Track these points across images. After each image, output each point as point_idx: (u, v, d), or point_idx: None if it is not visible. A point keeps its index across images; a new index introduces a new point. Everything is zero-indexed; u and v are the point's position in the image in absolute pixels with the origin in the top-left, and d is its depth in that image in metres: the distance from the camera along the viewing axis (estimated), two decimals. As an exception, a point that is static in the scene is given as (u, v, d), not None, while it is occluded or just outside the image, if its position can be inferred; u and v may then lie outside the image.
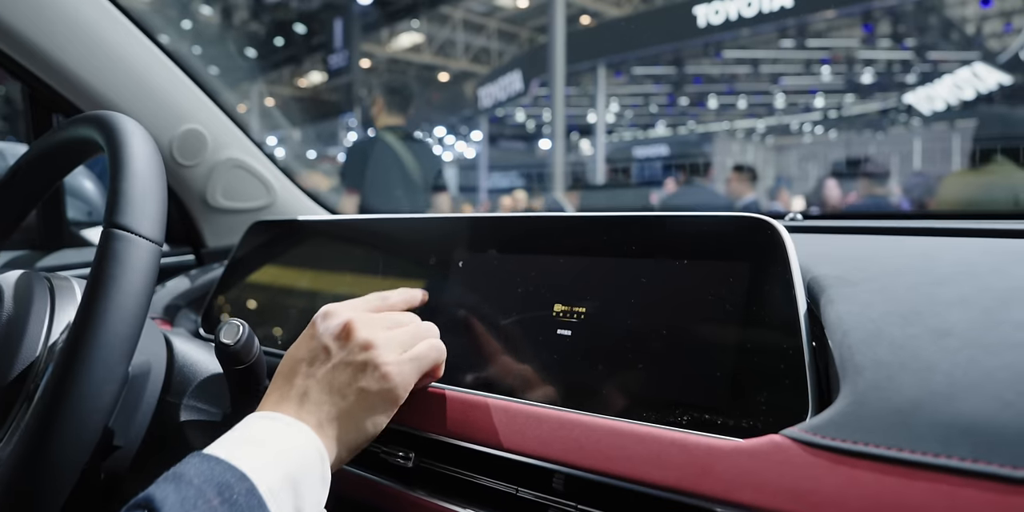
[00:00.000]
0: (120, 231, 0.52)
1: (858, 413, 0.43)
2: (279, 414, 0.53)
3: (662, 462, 0.48)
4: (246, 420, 0.53)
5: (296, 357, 0.58)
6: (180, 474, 0.44)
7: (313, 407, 0.54)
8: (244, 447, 0.48)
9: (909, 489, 0.38)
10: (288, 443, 0.50)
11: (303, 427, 0.52)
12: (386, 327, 0.60)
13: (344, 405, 0.54)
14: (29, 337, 0.60)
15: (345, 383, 0.55)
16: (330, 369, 0.56)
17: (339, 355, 0.56)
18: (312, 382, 0.55)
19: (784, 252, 0.54)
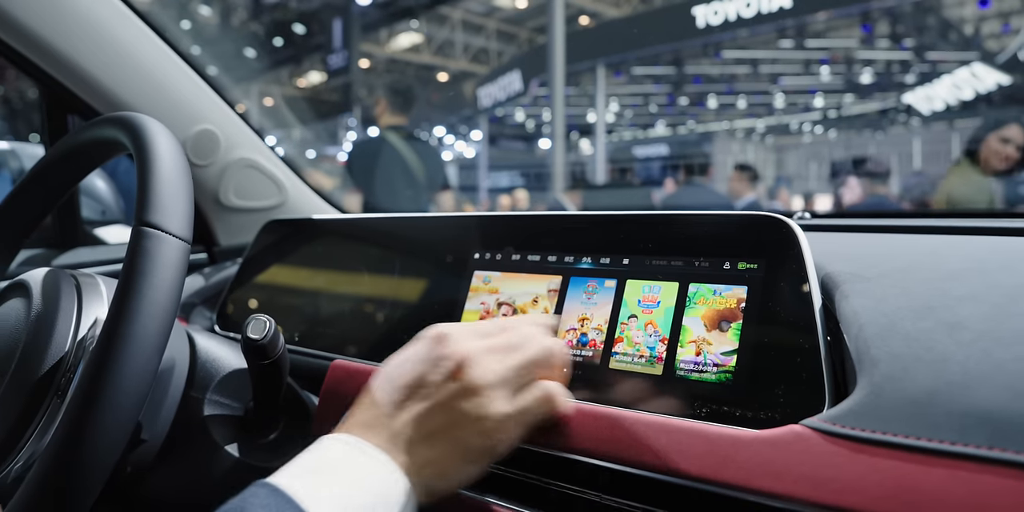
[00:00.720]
0: (150, 229, 0.54)
1: (875, 403, 0.44)
2: (367, 444, 0.49)
3: (685, 452, 0.49)
4: (327, 443, 0.49)
5: (396, 382, 0.52)
6: (243, 510, 0.42)
7: (405, 446, 0.49)
8: (318, 481, 0.45)
9: (928, 476, 0.40)
10: (368, 477, 0.46)
11: (394, 468, 0.48)
12: (500, 361, 0.53)
13: (435, 452, 0.49)
14: (58, 333, 0.62)
15: (442, 427, 0.50)
16: (429, 408, 0.50)
17: (442, 394, 0.50)
18: (408, 417, 0.50)
19: (799, 249, 0.56)
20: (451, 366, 0.51)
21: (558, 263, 0.69)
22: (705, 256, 0.60)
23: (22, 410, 0.59)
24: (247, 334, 0.62)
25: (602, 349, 0.62)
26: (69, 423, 0.48)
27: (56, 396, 0.60)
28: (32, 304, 0.63)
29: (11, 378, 0.60)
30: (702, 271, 0.60)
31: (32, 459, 0.59)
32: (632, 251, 0.64)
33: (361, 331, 0.83)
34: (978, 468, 0.39)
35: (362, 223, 0.95)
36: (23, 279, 0.68)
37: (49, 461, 0.48)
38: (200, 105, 1.11)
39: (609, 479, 0.56)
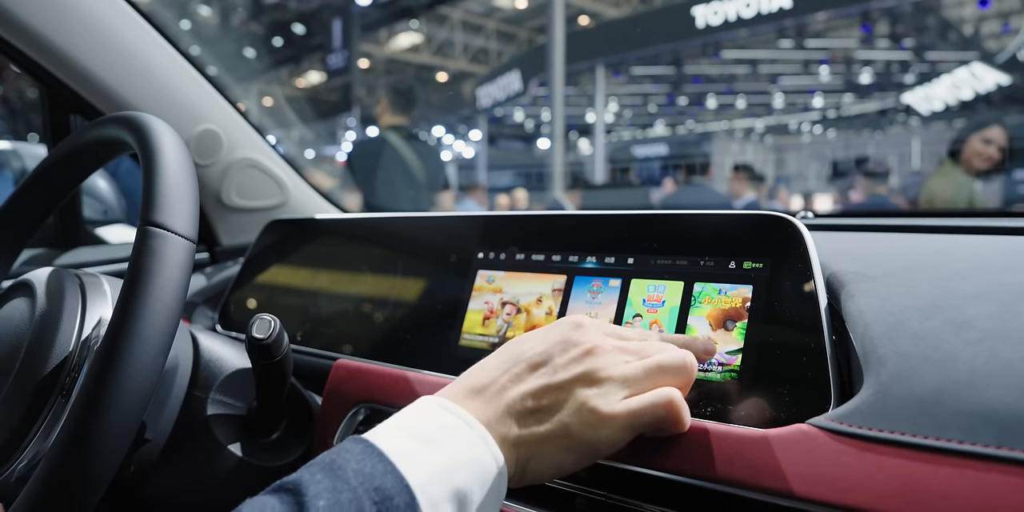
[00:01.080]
0: (156, 229, 0.54)
1: (882, 402, 0.44)
2: (468, 415, 0.46)
3: (691, 451, 0.49)
4: (426, 405, 0.47)
5: (519, 355, 0.51)
6: (338, 466, 0.40)
7: (508, 419, 0.47)
8: (417, 447, 0.43)
9: (935, 474, 0.40)
10: (468, 452, 0.44)
11: (490, 440, 0.45)
12: (628, 361, 0.50)
13: (538, 432, 0.47)
14: (62, 333, 0.62)
15: (550, 408, 0.47)
16: (544, 386, 0.48)
17: (560, 376, 0.48)
18: (518, 391, 0.48)
19: (804, 248, 0.56)
20: (579, 352, 0.49)
21: (562, 262, 0.69)
22: (710, 255, 0.60)
23: (26, 410, 0.59)
24: (252, 333, 0.62)
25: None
26: (74, 423, 0.48)
27: (60, 396, 0.60)
28: (36, 304, 0.63)
29: (15, 378, 0.60)
30: (707, 270, 0.60)
31: (36, 459, 0.59)
32: (637, 250, 0.65)
33: (364, 331, 0.83)
34: (985, 467, 0.39)
35: (365, 223, 0.95)
36: (27, 279, 0.68)
37: (54, 461, 0.48)
38: (203, 105, 1.11)
39: (611, 479, 0.56)
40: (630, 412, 0.47)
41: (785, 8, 8.31)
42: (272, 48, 13.57)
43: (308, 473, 0.40)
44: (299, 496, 0.38)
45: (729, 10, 8.75)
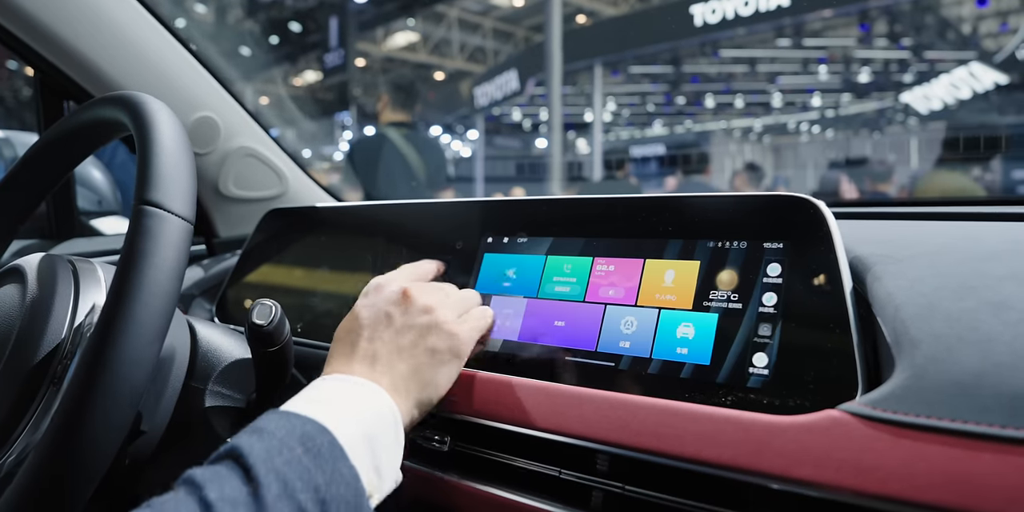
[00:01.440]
0: (152, 208, 0.51)
1: (918, 386, 0.42)
2: (350, 376, 0.54)
3: (716, 440, 0.47)
4: (316, 382, 0.53)
5: (356, 325, 0.59)
6: (260, 428, 0.45)
7: (384, 368, 0.55)
8: (319, 406, 0.49)
9: (977, 461, 0.38)
10: (362, 403, 0.51)
11: (375, 388, 0.53)
12: (437, 294, 0.62)
13: (414, 363, 0.56)
14: (54, 319, 0.59)
15: (412, 343, 0.57)
16: (395, 332, 0.58)
17: (401, 319, 0.58)
18: (379, 344, 0.57)
19: (828, 230, 0.54)
20: (398, 297, 0.60)
21: (579, 245, 0.67)
22: (729, 237, 0.58)
23: (16, 400, 0.57)
24: (252, 320, 0.60)
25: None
26: (66, 411, 0.46)
27: (52, 384, 0.58)
28: (27, 290, 0.61)
29: (5, 366, 0.58)
30: (726, 252, 0.58)
31: (26, 452, 0.56)
32: (653, 233, 0.62)
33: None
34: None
35: (367, 211, 0.92)
36: (18, 264, 0.65)
37: (45, 452, 0.46)
38: (200, 92, 1.09)
39: (629, 470, 0.54)
40: (471, 318, 0.63)
41: (783, 6, 8.30)
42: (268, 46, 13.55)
43: (238, 438, 0.44)
44: (237, 456, 0.43)
45: (727, 8, 8.73)
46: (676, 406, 0.51)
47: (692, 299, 0.58)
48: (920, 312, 0.47)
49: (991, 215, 0.70)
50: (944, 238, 0.60)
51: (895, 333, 0.47)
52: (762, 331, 0.53)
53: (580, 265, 0.65)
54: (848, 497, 0.41)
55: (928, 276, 0.51)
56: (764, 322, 0.53)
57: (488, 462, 0.61)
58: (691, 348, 0.56)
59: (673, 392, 0.54)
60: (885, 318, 0.49)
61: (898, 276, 0.51)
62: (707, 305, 0.57)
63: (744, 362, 0.53)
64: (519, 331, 0.66)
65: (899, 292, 0.49)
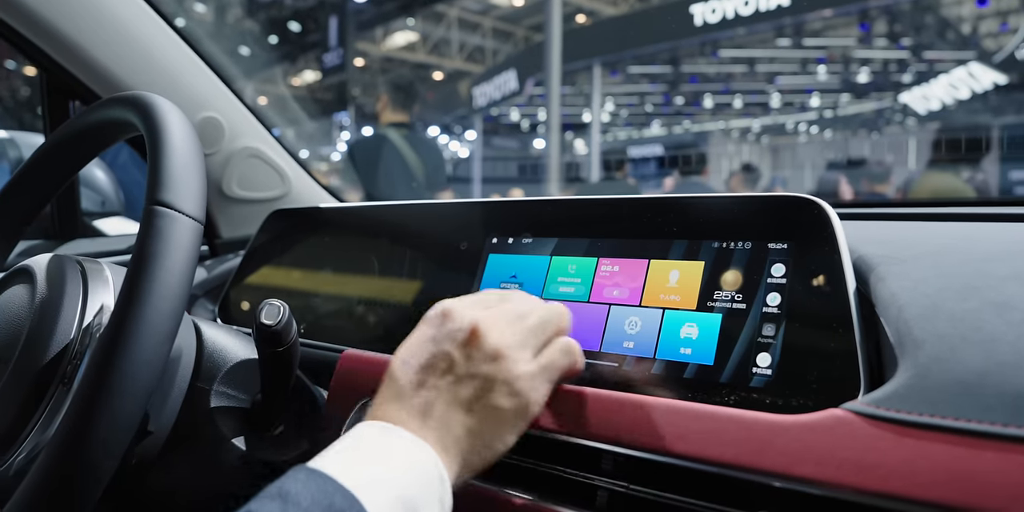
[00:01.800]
0: (163, 208, 0.52)
1: (921, 385, 0.42)
2: (399, 428, 0.47)
3: (719, 439, 0.47)
4: (360, 430, 0.48)
5: (413, 363, 0.51)
6: (287, 492, 0.40)
7: (436, 423, 0.48)
8: (354, 465, 0.44)
9: (980, 460, 0.38)
10: (405, 462, 0.45)
11: (424, 446, 0.47)
12: (512, 325, 0.52)
13: (471, 423, 0.49)
14: (63, 320, 0.60)
15: (472, 398, 0.49)
16: (454, 381, 0.49)
17: (464, 366, 0.50)
18: (435, 394, 0.49)
19: (832, 231, 0.54)
20: (465, 335, 0.51)
21: (583, 246, 0.67)
22: (733, 238, 0.59)
23: (26, 399, 0.57)
24: (261, 320, 0.60)
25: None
26: (77, 411, 0.46)
27: (61, 384, 0.58)
28: (36, 290, 0.62)
29: (15, 366, 0.58)
30: (730, 252, 0.58)
31: (36, 451, 0.57)
32: (658, 234, 0.63)
33: (371, 322, 0.81)
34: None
35: (371, 212, 0.93)
36: (27, 265, 0.66)
37: (55, 452, 0.46)
38: (204, 92, 1.09)
39: (633, 469, 0.54)
40: (542, 368, 0.52)
41: (783, 6, 8.31)
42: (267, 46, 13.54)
43: (259, 504, 0.40)
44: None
45: (727, 8, 8.74)
46: (680, 405, 0.51)
47: (696, 299, 0.58)
48: (923, 312, 0.47)
49: (994, 216, 0.71)
50: (947, 239, 0.60)
51: (898, 333, 0.47)
52: (766, 331, 0.54)
53: (584, 266, 0.66)
54: (850, 495, 0.41)
55: (931, 277, 0.51)
56: (768, 322, 0.54)
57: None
58: (695, 348, 0.56)
59: (677, 392, 0.54)
60: (888, 318, 0.49)
61: (902, 277, 0.52)
62: (711, 305, 0.57)
63: (748, 362, 0.53)
64: (524, 331, 0.66)
65: (903, 292, 0.50)
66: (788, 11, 8.42)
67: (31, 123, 4.69)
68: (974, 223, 0.69)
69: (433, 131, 18.03)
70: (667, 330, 0.58)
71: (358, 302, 0.84)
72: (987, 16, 12.79)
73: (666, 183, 5.99)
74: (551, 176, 8.76)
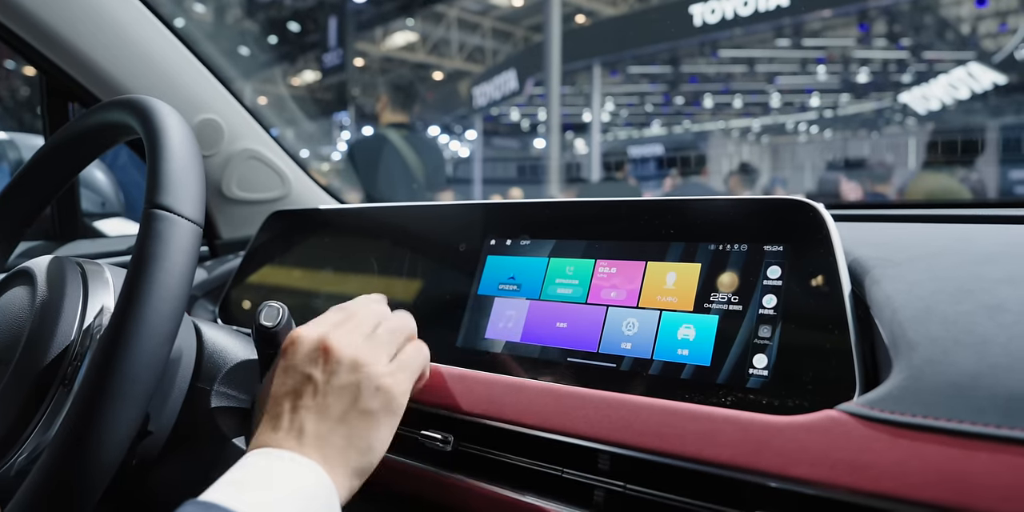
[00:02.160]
0: (162, 212, 0.52)
1: (915, 387, 0.43)
2: (280, 451, 0.49)
3: (715, 439, 0.48)
4: (244, 459, 0.49)
5: (278, 393, 0.54)
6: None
7: (313, 440, 0.50)
8: (244, 493, 0.45)
9: (972, 460, 0.38)
10: (292, 484, 0.46)
11: (307, 462, 0.48)
12: (364, 334, 0.56)
13: (346, 431, 0.51)
14: (64, 321, 0.60)
15: (342, 409, 0.52)
16: (321, 397, 0.52)
17: (325, 382, 0.53)
18: (305, 414, 0.51)
19: (827, 234, 0.55)
20: (320, 355, 0.54)
21: (580, 248, 0.68)
22: (729, 241, 0.59)
23: (26, 400, 0.57)
24: (260, 321, 0.61)
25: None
26: (78, 412, 0.47)
27: (62, 386, 0.58)
28: (37, 292, 0.62)
29: (15, 368, 0.58)
30: (727, 254, 0.59)
31: (36, 451, 0.57)
32: (655, 236, 0.63)
33: (370, 322, 0.81)
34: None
35: (370, 213, 0.93)
36: (27, 266, 0.66)
37: (57, 453, 0.47)
38: (204, 94, 1.09)
39: (630, 469, 0.54)
40: (399, 366, 0.55)
41: (783, 6, 8.31)
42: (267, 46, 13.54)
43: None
44: None
45: (727, 8, 8.74)
46: (677, 406, 0.52)
47: (693, 301, 0.59)
48: (917, 315, 0.47)
49: (987, 217, 0.71)
50: (941, 241, 0.61)
51: (893, 335, 0.48)
52: (762, 333, 0.54)
53: (582, 267, 0.66)
54: (844, 495, 0.42)
55: (925, 279, 0.51)
56: (764, 324, 0.54)
57: (491, 462, 0.62)
58: (692, 349, 0.57)
59: (674, 393, 0.55)
60: (883, 320, 0.50)
61: (896, 279, 0.52)
62: (708, 307, 0.58)
63: (744, 363, 0.54)
64: (521, 333, 0.67)
65: (897, 295, 0.50)
66: (787, 11, 8.42)
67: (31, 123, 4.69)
68: (968, 225, 0.70)
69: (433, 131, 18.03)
70: (664, 331, 0.59)
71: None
72: (986, 16, 12.79)
73: (665, 183, 5.99)
74: (551, 176, 8.77)
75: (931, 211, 0.76)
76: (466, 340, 0.70)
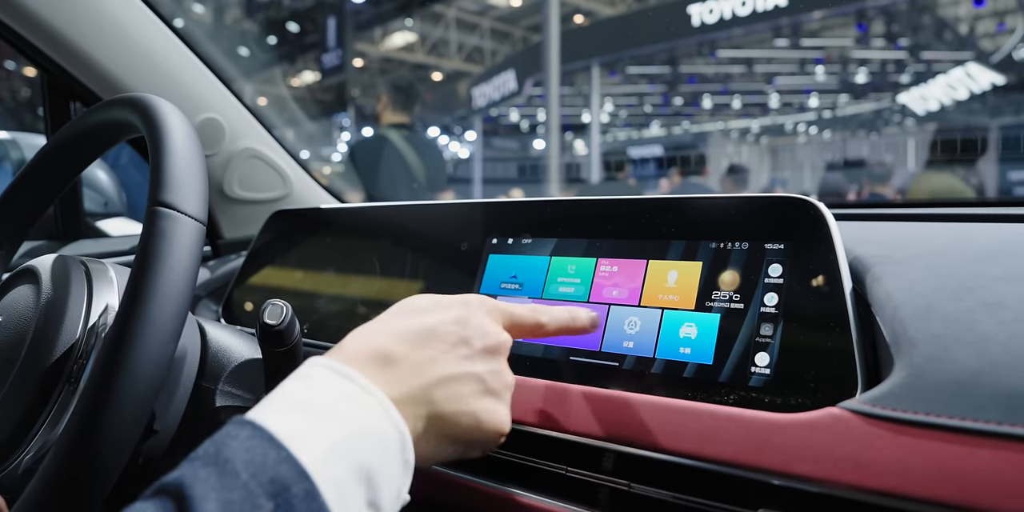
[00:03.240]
0: (166, 209, 0.52)
1: (916, 384, 0.43)
2: (363, 379, 0.42)
3: (718, 437, 0.48)
4: (316, 369, 0.42)
5: (433, 324, 0.47)
6: (225, 459, 0.35)
7: (415, 392, 0.44)
8: (310, 422, 0.38)
9: (973, 457, 0.39)
10: (368, 422, 0.40)
11: (384, 399, 0.41)
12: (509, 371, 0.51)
13: (442, 409, 0.44)
14: (69, 319, 0.60)
15: (468, 395, 0.46)
16: (465, 372, 0.46)
17: (480, 368, 0.47)
18: (437, 371, 0.45)
19: (828, 232, 0.55)
20: (497, 342, 0.48)
21: (581, 246, 0.68)
22: (731, 239, 0.59)
23: (32, 399, 0.58)
24: (264, 319, 0.61)
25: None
26: (84, 411, 0.47)
27: (68, 383, 0.58)
28: (41, 290, 0.62)
29: (21, 366, 0.58)
30: (728, 252, 0.59)
31: (43, 450, 0.57)
32: (657, 235, 0.63)
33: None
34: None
35: (372, 212, 0.93)
36: (32, 265, 0.66)
37: (64, 450, 0.47)
38: (205, 93, 1.10)
39: (634, 468, 0.55)
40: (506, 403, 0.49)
41: (781, 6, 8.31)
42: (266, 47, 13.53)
43: (191, 469, 0.34)
44: (183, 500, 0.32)
45: (725, 8, 8.75)
46: (679, 404, 0.52)
47: (695, 299, 0.59)
48: (918, 312, 0.48)
49: (987, 216, 0.72)
50: (942, 239, 0.61)
51: (894, 333, 0.48)
52: (764, 331, 0.54)
53: (584, 266, 0.67)
54: (846, 492, 0.42)
55: (926, 277, 0.52)
56: (766, 322, 0.55)
57: (495, 460, 0.62)
58: (694, 348, 0.57)
59: (676, 391, 0.55)
60: (884, 318, 0.50)
61: (897, 277, 0.53)
62: (709, 305, 0.58)
63: (746, 361, 0.54)
64: (524, 331, 0.67)
65: (898, 293, 0.51)
66: (786, 11, 8.43)
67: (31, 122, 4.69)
68: (968, 223, 0.70)
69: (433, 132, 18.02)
70: (666, 330, 0.59)
71: (359, 302, 0.85)
72: (984, 16, 12.80)
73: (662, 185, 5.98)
74: (551, 177, 8.77)
75: (931, 210, 0.76)
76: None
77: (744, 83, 15.56)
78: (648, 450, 0.51)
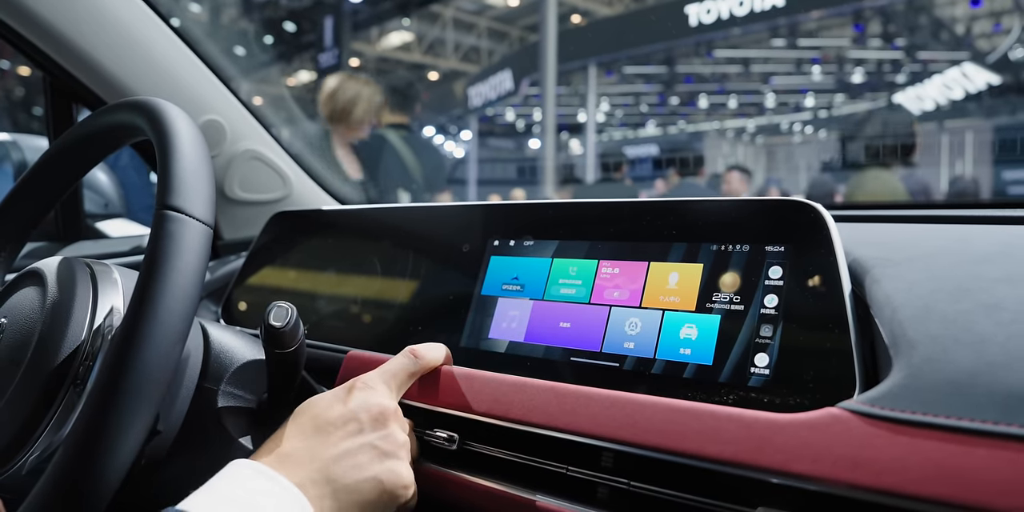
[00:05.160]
0: (174, 213, 0.53)
1: (914, 385, 0.44)
2: (279, 476, 0.50)
3: (718, 436, 0.49)
4: (243, 472, 0.50)
5: (322, 416, 0.56)
6: None
7: (320, 476, 0.52)
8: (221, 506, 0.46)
9: (970, 456, 0.39)
10: (274, 509, 0.48)
11: (302, 499, 0.49)
12: (406, 432, 0.60)
13: (352, 487, 0.52)
14: (74, 321, 0.61)
15: (366, 463, 0.53)
16: (358, 445, 0.54)
17: (371, 437, 0.55)
18: (332, 451, 0.53)
19: (827, 234, 0.56)
20: (379, 413, 0.56)
21: (582, 249, 0.68)
22: (731, 241, 0.60)
23: (38, 400, 0.58)
24: (269, 321, 0.61)
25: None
26: (91, 412, 0.47)
27: (73, 385, 0.59)
28: (47, 292, 0.62)
29: (27, 367, 0.59)
30: (728, 255, 0.60)
31: (49, 450, 0.58)
32: (658, 237, 0.64)
33: (374, 323, 0.82)
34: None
35: (373, 214, 0.94)
36: (37, 267, 0.67)
37: (71, 451, 0.47)
38: (206, 95, 1.10)
39: (634, 467, 0.55)
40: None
41: (778, 6, 8.33)
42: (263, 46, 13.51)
43: None
44: None
45: (722, 8, 8.76)
46: (680, 404, 0.52)
47: (695, 301, 0.60)
48: (917, 314, 0.49)
49: (984, 218, 0.72)
50: (940, 241, 0.62)
51: (893, 334, 0.49)
52: (763, 332, 0.55)
53: (585, 268, 0.67)
54: (845, 491, 0.43)
55: (925, 279, 0.52)
56: (765, 323, 0.55)
57: (496, 460, 0.63)
58: (694, 349, 0.58)
59: (677, 391, 0.56)
60: (883, 319, 0.51)
61: (896, 279, 0.53)
62: (710, 307, 0.59)
63: (746, 362, 0.54)
64: (525, 333, 0.68)
65: (897, 294, 0.51)
66: (782, 12, 8.45)
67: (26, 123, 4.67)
68: (966, 225, 0.71)
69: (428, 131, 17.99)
70: (667, 331, 0.60)
71: (361, 304, 0.85)
72: (980, 17, 12.82)
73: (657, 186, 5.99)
74: (547, 177, 8.77)
75: (929, 212, 0.77)
76: (470, 340, 0.71)
77: (740, 83, 15.57)
78: (648, 449, 0.52)
